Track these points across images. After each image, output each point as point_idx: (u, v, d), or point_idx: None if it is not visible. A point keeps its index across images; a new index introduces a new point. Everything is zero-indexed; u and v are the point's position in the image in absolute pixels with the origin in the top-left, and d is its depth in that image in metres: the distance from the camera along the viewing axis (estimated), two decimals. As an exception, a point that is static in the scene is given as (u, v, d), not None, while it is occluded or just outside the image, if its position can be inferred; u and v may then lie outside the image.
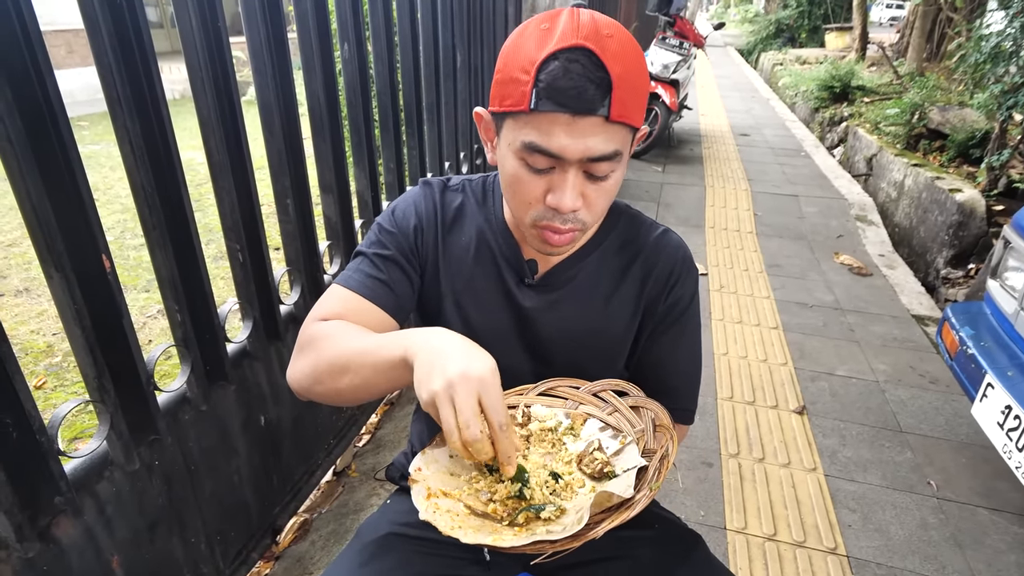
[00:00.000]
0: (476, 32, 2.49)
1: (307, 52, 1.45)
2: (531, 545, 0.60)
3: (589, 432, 0.80)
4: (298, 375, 0.77)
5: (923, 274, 4.16)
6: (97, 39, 0.90)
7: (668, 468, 0.68)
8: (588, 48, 0.65)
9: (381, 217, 0.88)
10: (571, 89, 0.65)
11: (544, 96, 0.66)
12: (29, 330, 3.11)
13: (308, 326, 0.80)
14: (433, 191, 0.89)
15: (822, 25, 14.39)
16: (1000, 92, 4.13)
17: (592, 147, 0.68)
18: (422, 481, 0.69)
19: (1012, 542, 1.75)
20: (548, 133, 0.68)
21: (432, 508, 0.65)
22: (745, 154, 6.20)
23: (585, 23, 0.67)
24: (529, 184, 0.73)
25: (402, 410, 2.19)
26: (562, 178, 0.71)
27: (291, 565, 1.57)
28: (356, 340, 0.73)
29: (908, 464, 2.05)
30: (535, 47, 0.67)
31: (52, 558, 0.92)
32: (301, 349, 0.78)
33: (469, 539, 0.60)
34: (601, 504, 0.64)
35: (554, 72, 0.65)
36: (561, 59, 0.65)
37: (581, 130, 0.67)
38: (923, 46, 8.48)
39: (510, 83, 0.69)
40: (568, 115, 0.66)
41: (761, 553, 1.69)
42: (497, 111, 0.73)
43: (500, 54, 0.73)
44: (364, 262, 0.84)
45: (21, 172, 0.82)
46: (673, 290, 0.87)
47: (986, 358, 1.82)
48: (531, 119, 0.68)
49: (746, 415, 2.26)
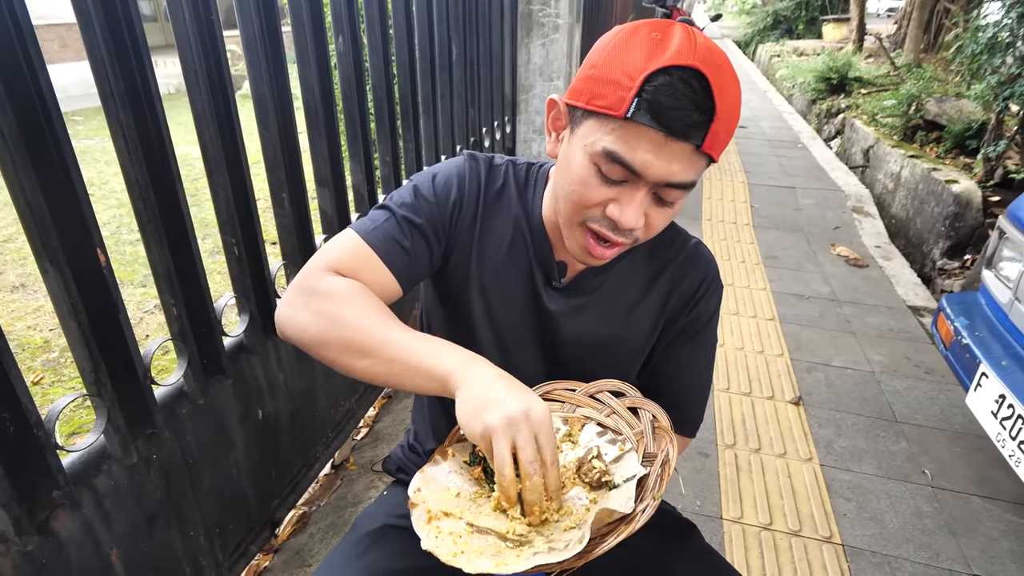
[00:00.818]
0: (472, 25, 2.48)
1: (302, 45, 1.44)
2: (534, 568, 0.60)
3: (587, 438, 0.78)
4: (300, 327, 0.72)
5: (919, 265, 4.17)
6: (90, 33, 0.90)
7: (669, 475, 0.67)
8: (703, 73, 0.62)
9: (419, 179, 0.83)
10: (676, 110, 0.62)
11: (645, 109, 0.63)
12: (26, 326, 3.11)
13: (322, 274, 0.74)
14: (479, 167, 0.85)
15: (819, 16, 14.36)
16: (997, 83, 4.13)
17: (674, 173, 0.66)
18: (421, 504, 0.68)
19: (1005, 529, 1.77)
20: (635, 147, 0.65)
21: (434, 533, 0.64)
22: (742, 146, 6.20)
23: (701, 45, 0.64)
24: (594, 190, 0.69)
25: (400, 403, 2.20)
26: (631, 195, 0.68)
27: (290, 558, 1.58)
28: (387, 329, 0.69)
29: (903, 454, 2.06)
30: (645, 55, 0.63)
31: (51, 551, 0.93)
32: (310, 297, 0.73)
33: (471, 567, 0.59)
34: (602, 520, 0.63)
35: (663, 88, 0.62)
36: (674, 76, 0.62)
37: (669, 153, 0.64)
38: (920, 37, 8.47)
39: (608, 83, 0.65)
40: (663, 135, 0.63)
41: (757, 542, 1.70)
42: (582, 107, 0.68)
43: (597, 49, 0.69)
44: (391, 221, 0.79)
45: (15, 167, 0.81)
46: (697, 305, 0.86)
47: (980, 348, 1.83)
48: (621, 127, 0.65)
49: (742, 406, 2.27)
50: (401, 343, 0.68)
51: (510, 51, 3.12)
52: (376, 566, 0.81)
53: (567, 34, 3.33)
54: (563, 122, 0.74)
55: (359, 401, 1.89)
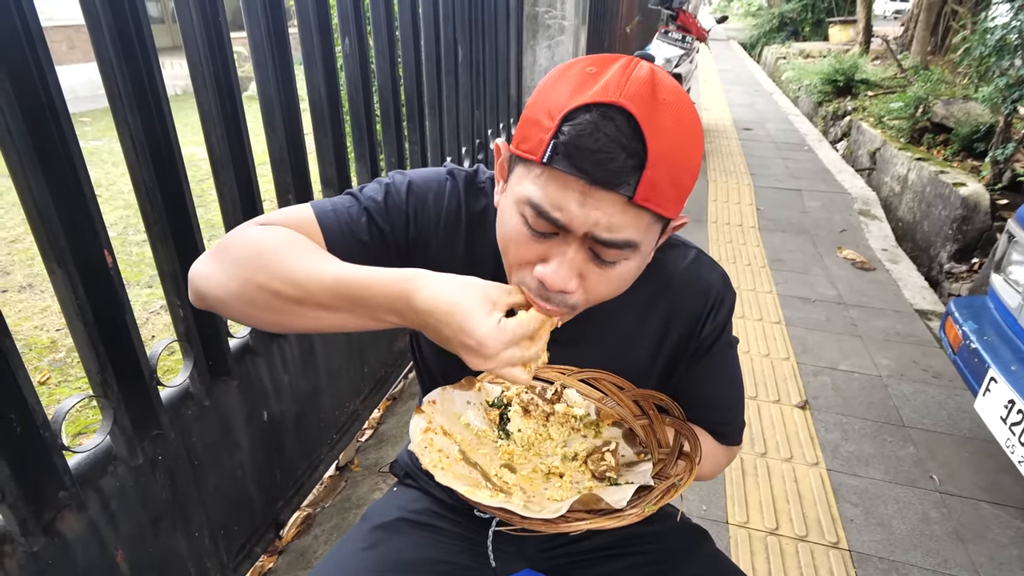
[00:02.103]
0: (477, 27, 2.48)
1: (308, 47, 1.44)
2: (499, 509, 0.58)
3: (611, 435, 0.76)
4: (215, 279, 0.63)
5: (926, 269, 4.15)
6: (98, 34, 0.90)
7: (672, 497, 0.64)
8: (628, 110, 0.54)
9: (394, 182, 0.76)
10: (594, 153, 0.54)
11: (562, 152, 0.55)
12: (33, 326, 3.12)
13: (249, 227, 0.66)
14: (458, 187, 0.78)
15: (826, 18, 14.32)
16: (1005, 85, 4.10)
17: (601, 226, 0.57)
18: (428, 413, 0.68)
19: (1015, 536, 1.75)
20: (555, 196, 0.57)
21: (425, 443, 0.63)
22: (748, 148, 6.18)
23: (639, 79, 0.56)
24: (523, 245, 0.62)
25: (404, 405, 2.20)
26: (561, 250, 0.60)
27: (294, 559, 1.58)
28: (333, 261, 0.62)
29: (910, 459, 2.05)
30: (570, 91, 0.56)
31: (56, 552, 0.93)
32: (226, 249, 0.64)
33: (444, 480, 0.59)
34: (587, 503, 0.62)
35: (580, 127, 0.54)
36: (593, 113, 0.54)
37: (595, 203, 0.56)
38: (927, 39, 8.43)
39: (532, 125, 0.59)
40: (584, 182, 0.55)
41: (763, 547, 1.69)
42: (513, 152, 0.62)
43: (536, 88, 0.62)
44: (353, 209, 0.72)
45: (23, 168, 0.82)
46: (706, 326, 0.79)
47: (989, 352, 1.81)
48: (543, 173, 0.58)
49: (748, 410, 2.26)
50: (346, 270, 0.60)
51: (516, 53, 3.12)
52: (387, 557, 0.81)
53: (573, 36, 3.33)
54: (506, 171, 0.67)
55: (364, 403, 1.89)
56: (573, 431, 0.77)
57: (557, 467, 0.70)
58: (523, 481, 0.68)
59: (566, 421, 0.77)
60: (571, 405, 0.78)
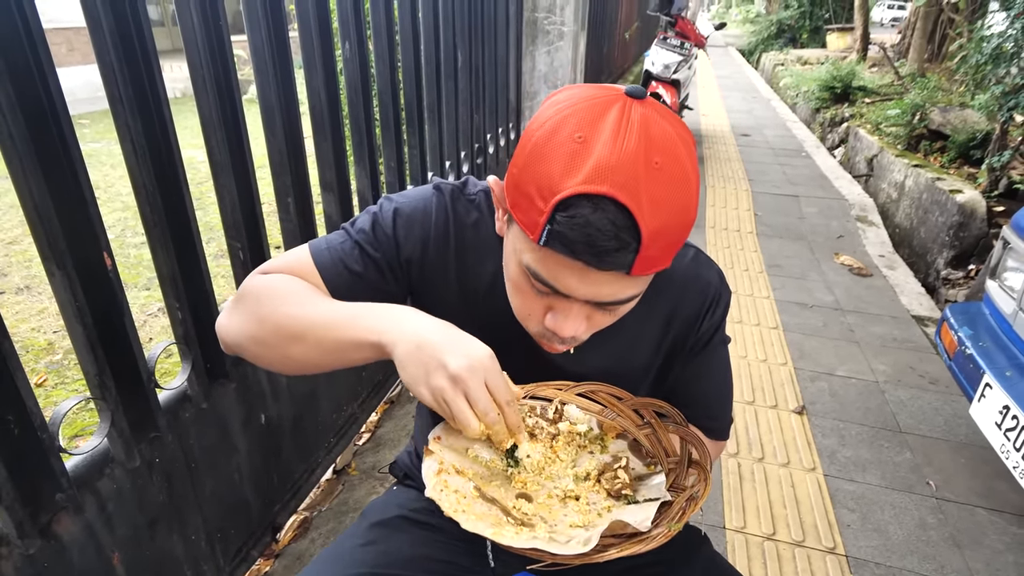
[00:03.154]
0: (477, 32, 2.49)
1: (308, 51, 1.45)
2: (530, 550, 0.58)
3: (618, 448, 0.76)
4: (235, 330, 0.70)
5: (923, 275, 4.16)
6: (99, 37, 0.91)
7: (693, 511, 0.64)
8: (620, 201, 0.53)
9: (382, 210, 0.77)
10: (589, 246, 0.55)
11: (557, 239, 0.56)
12: (30, 328, 3.12)
13: (254, 277, 0.73)
14: (446, 201, 0.78)
15: (824, 26, 14.39)
16: (1001, 93, 4.13)
17: (604, 295, 0.61)
18: (437, 452, 0.67)
19: (1011, 542, 1.75)
20: (555, 273, 0.60)
21: (440, 486, 0.62)
22: (746, 154, 6.20)
23: (630, 150, 0.54)
24: (531, 299, 0.66)
25: (402, 408, 2.19)
26: (567, 307, 0.63)
27: (291, 563, 1.57)
28: (316, 307, 0.67)
29: (907, 464, 2.05)
30: (561, 170, 0.55)
31: (53, 555, 0.93)
32: (243, 300, 0.71)
33: (469, 526, 0.58)
34: (613, 530, 0.62)
35: (574, 220, 0.54)
36: (585, 206, 0.54)
37: (594, 280, 0.59)
38: (924, 47, 8.48)
39: (524, 197, 0.58)
40: (582, 264, 0.57)
41: (760, 552, 1.69)
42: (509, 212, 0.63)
43: (524, 138, 0.60)
44: (346, 244, 0.75)
45: (23, 170, 0.82)
46: (704, 323, 0.81)
47: (984, 358, 1.82)
48: (540, 250, 0.59)
49: (745, 415, 2.27)
50: (327, 317, 0.65)
51: (515, 58, 3.13)
52: (386, 554, 0.81)
53: (572, 42, 3.35)
54: (503, 208, 0.68)
55: (361, 406, 1.89)
56: (580, 449, 0.76)
57: (572, 490, 0.69)
58: (541, 509, 0.67)
59: (572, 439, 0.76)
60: (574, 422, 0.77)
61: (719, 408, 0.88)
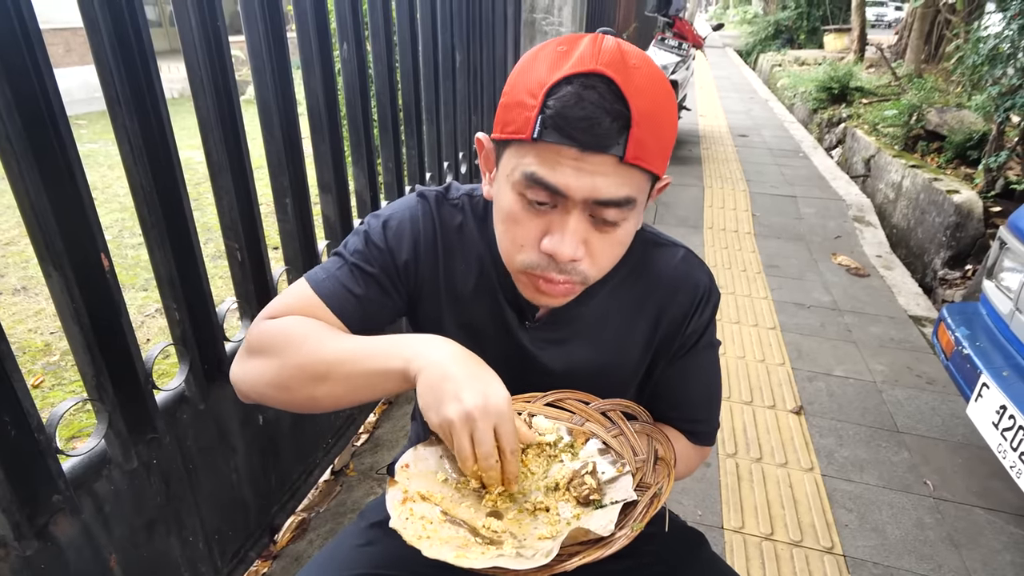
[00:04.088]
0: (475, 32, 2.49)
1: (306, 51, 1.45)
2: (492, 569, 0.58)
3: (588, 453, 0.76)
4: (253, 378, 0.71)
5: (920, 275, 4.17)
6: (96, 38, 0.90)
7: (656, 508, 0.65)
8: (608, 76, 0.57)
9: (371, 225, 0.79)
10: (582, 120, 0.57)
11: (550, 125, 0.58)
12: (27, 329, 3.11)
13: (262, 323, 0.73)
14: (431, 207, 0.80)
15: (821, 26, 14.42)
16: (998, 94, 4.14)
17: (600, 188, 0.60)
18: (402, 482, 0.66)
19: (1008, 542, 1.76)
20: (552, 166, 0.60)
21: (406, 514, 0.62)
22: (743, 155, 6.21)
23: (609, 48, 0.59)
24: (525, 224, 0.65)
25: (400, 409, 2.19)
26: (563, 220, 0.63)
27: (289, 564, 1.57)
28: (337, 344, 0.67)
29: (905, 464, 2.05)
30: (547, 69, 0.59)
31: (50, 557, 0.93)
32: (256, 350, 0.71)
33: (432, 553, 0.58)
34: (575, 538, 0.61)
35: (565, 98, 0.57)
36: (575, 84, 0.57)
37: (590, 168, 0.59)
38: (921, 48, 8.50)
39: (515, 107, 0.61)
40: (576, 149, 0.58)
41: (758, 552, 1.69)
42: (498, 138, 0.65)
43: (509, 77, 0.65)
44: (343, 269, 0.76)
45: (20, 170, 0.82)
46: (691, 323, 0.80)
47: (981, 358, 1.82)
48: (534, 149, 0.60)
49: (743, 415, 2.27)
50: (358, 352, 0.65)
51: (513, 59, 3.13)
52: (382, 555, 0.80)
53: (570, 42, 3.35)
54: (492, 161, 0.70)
55: (359, 407, 1.89)
56: (551, 459, 0.75)
57: (542, 502, 0.69)
58: (511, 525, 0.66)
59: (542, 451, 0.76)
60: (542, 433, 0.77)
61: (704, 412, 0.88)
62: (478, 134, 0.72)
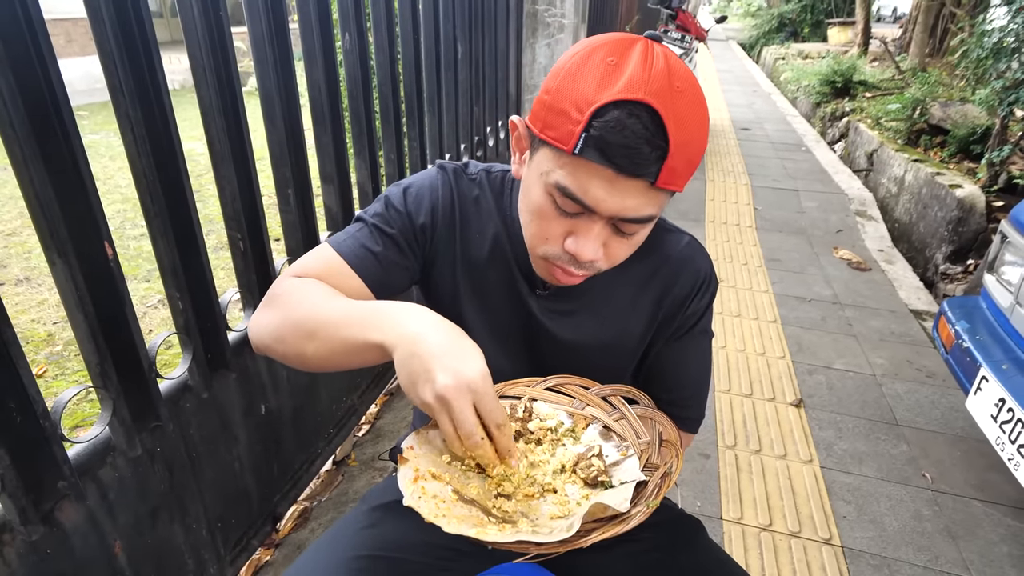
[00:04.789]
0: (478, 23, 2.48)
1: (308, 42, 1.45)
2: (515, 543, 0.59)
3: (590, 437, 0.77)
4: (260, 329, 0.74)
5: (922, 269, 4.17)
6: (100, 28, 0.91)
7: (668, 486, 0.66)
8: (654, 107, 0.59)
9: (391, 192, 0.83)
10: (623, 148, 0.60)
11: (592, 145, 0.61)
12: (30, 319, 3.12)
13: (282, 280, 0.76)
14: (449, 178, 0.84)
15: (825, 20, 14.34)
16: (1002, 88, 4.13)
17: (628, 208, 0.64)
18: (412, 461, 0.66)
19: (1005, 534, 1.77)
20: (585, 184, 0.63)
21: (418, 493, 0.62)
22: (746, 148, 6.19)
23: (658, 73, 0.61)
24: (551, 222, 0.69)
25: (402, 400, 2.20)
26: (588, 227, 0.67)
27: (291, 552, 1.59)
28: (329, 306, 0.69)
29: (903, 457, 2.06)
30: (596, 85, 0.61)
31: (55, 542, 0.94)
32: (269, 302, 0.75)
33: (452, 529, 0.58)
34: (594, 514, 0.63)
35: (610, 123, 0.60)
36: (622, 111, 0.60)
37: (621, 189, 0.63)
38: (925, 41, 8.45)
39: (559, 115, 0.63)
40: (612, 171, 0.61)
41: (756, 543, 1.71)
42: (537, 134, 0.67)
43: (554, 71, 0.66)
44: (363, 231, 0.80)
45: (25, 160, 0.82)
46: (691, 305, 0.84)
47: (981, 352, 1.83)
48: (571, 162, 0.63)
49: (743, 407, 2.28)
50: (343, 318, 0.66)
51: (515, 51, 3.12)
52: (385, 538, 0.81)
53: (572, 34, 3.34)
54: (525, 144, 0.73)
55: (361, 398, 1.90)
56: (554, 443, 0.76)
57: (550, 483, 0.70)
58: (521, 505, 0.67)
59: (545, 436, 0.77)
60: (543, 419, 0.78)
61: (692, 398, 0.90)
62: (512, 117, 0.75)
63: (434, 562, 0.82)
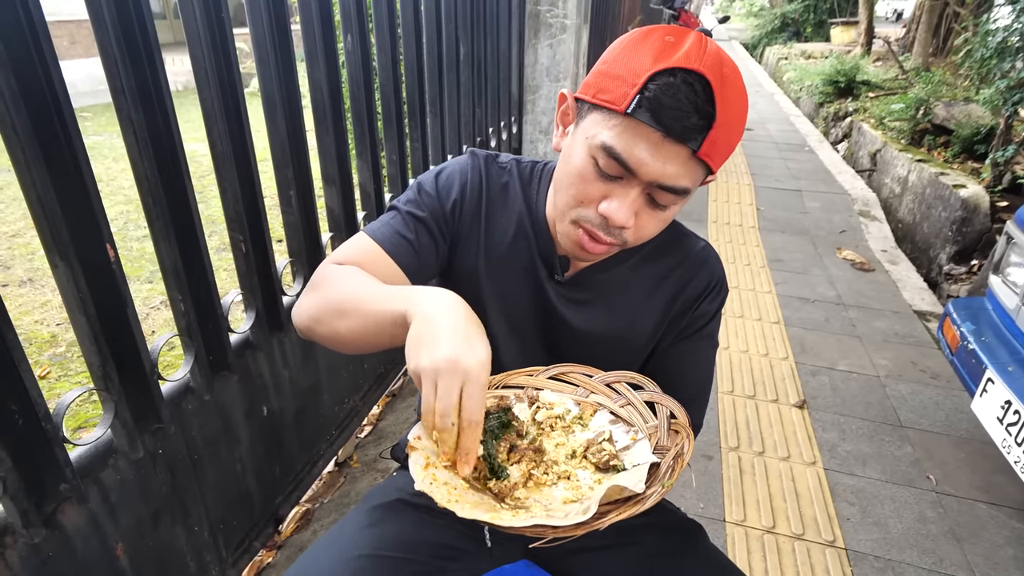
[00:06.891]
0: (479, 25, 2.48)
1: (310, 44, 1.45)
2: (530, 528, 0.58)
3: (598, 424, 0.77)
4: (302, 312, 0.77)
5: (926, 270, 4.15)
6: (102, 30, 0.91)
7: (682, 467, 0.66)
8: (707, 79, 0.63)
9: (423, 177, 0.87)
10: (675, 110, 0.63)
11: (645, 106, 0.64)
12: (33, 320, 3.13)
13: (323, 267, 0.79)
14: (480, 163, 0.87)
15: (828, 19, 14.30)
16: (1006, 88, 4.11)
17: (668, 174, 0.67)
18: (421, 450, 0.66)
19: (1010, 536, 1.76)
20: (632, 144, 0.66)
21: (429, 479, 0.62)
22: (748, 148, 6.18)
23: (711, 53, 0.65)
24: (590, 184, 0.71)
25: (404, 401, 2.20)
26: (624, 192, 0.70)
27: (293, 554, 1.58)
28: (362, 286, 0.72)
29: (907, 459, 2.05)
30: (653, 56, 0.65)
31: (57, 544, 0.94)
32: (311, 287, 0.79)
33: (465, 513, 0.58)
34: (609, 496, 0.62)
35: (665, 88, 0.63)
36: (678, 77, 0.64)
37: (665, 154, 0.66)
38: (929, 41, 8.43)
39: (614, 79, 0.67)
40: (660, 134, 0.64)
41: (760, 545, 1.70)
42: (588, 100, 0.70)
43: (612, 47, 0.71)
44: (396, 217, 0.83)
45: (27, 162, 0.82)
46: (700, 306, 0.87)
47: (986, 353, 1.82)
48: (621, 122, 0.66)
49: (746, 409, 2.27)
50: (374, 295, 0.69)
51: (517, 51, 3.12)
52: (386, 537, 0.81)
53: (574, 35, 3.33)
54: (571, 117, 0.76)
55: (363, 399, 1.90)
56: (563, 431, 0.76)
57: (565, 470, 0.70)
58: (533, 492, 0.67)
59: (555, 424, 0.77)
60: (551, 407, 0.78)
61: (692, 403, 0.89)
62: (563, 90, 0.78)
63: (436, 561, 0.82)
